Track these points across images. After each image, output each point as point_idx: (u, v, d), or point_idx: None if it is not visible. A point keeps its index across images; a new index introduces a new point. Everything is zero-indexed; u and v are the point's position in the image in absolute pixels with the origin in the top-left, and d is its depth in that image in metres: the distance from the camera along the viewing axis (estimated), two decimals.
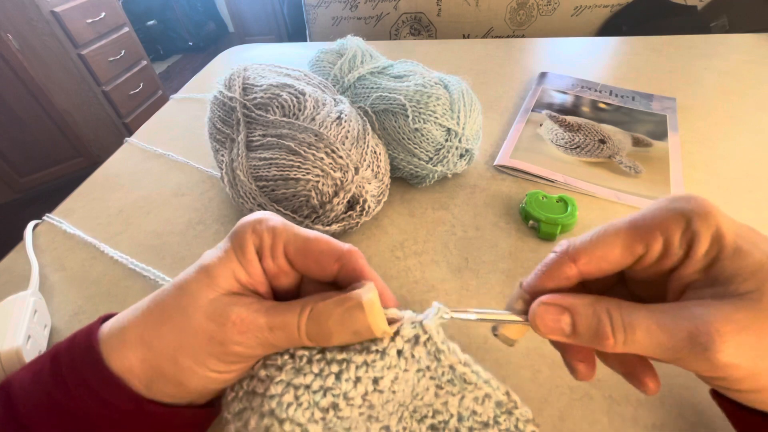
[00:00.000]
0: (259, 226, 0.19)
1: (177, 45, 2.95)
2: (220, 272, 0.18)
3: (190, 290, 0.18)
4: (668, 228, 0.16)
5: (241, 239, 0.18)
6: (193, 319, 0.17)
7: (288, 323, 0.17)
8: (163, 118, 0.59)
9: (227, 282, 0.18)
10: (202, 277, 0.18)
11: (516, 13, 0.90)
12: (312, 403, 0.16)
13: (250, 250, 0.18)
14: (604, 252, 0.17)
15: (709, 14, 0.82)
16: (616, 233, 0.17)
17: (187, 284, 0.18)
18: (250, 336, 0.17)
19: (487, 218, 0.38)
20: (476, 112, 0.40)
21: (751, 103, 0.51)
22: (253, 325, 0.17)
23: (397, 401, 0.18)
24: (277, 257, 0.19)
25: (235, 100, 0.37)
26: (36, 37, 1.47)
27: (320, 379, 0.17)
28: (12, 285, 0.35)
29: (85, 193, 0.46)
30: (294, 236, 0.19)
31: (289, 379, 0.17)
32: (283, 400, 0.16)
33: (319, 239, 0.19)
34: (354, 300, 0.17)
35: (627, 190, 0.39)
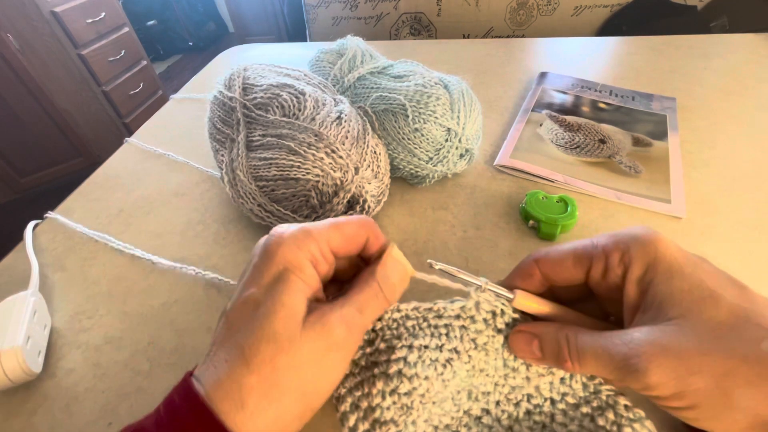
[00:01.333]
0: (301, 242, 0.19)
1: (177, 45, 2.95)
2: (294, 301, 0.18)
3: (280, 330, 0.17)
4: (610, 250, 0.19)
5: (296, 260, 0.19)
6: (301, 351, 0.17)
7: (369, 299, 0.20)
8: (163, 118, 0.59)
9: (302, 306, 0.19)
10: (283, 313, 0.18)
11: (516, 13, 0.90)
12: (432, 359, 0.20)
13: (306, 265, 0.19)
14: (558, 260, 0.21)
15: (709, 14, 0.82)
16: (572, 248, 0.21)
17: (273, 327, 0.17)
18: (353, 328, 0.19)
19: (487, 218, 0.38)
20: (476, 112, 0.40)
21: (751, 103, 0.51)
22: (349, 317, 0.19)
23: (491, 373, 0.20)
24: (327, 256, 0.21)
25: (235, 100, 0.37)
26: (36, 37, 1.47)
27: (436, 339, 0.20)
28: (12, 285, 0.35)
29: (85, 193, 0.46)
30: (327, 231, 0.20)
31: (409, 343, 0.20)
32: (408, 359, 0.19)
33: (346, 222, 0.21)
34: (392, 258, 0.21)
35: (627, 190, 0.39)
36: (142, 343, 0.31)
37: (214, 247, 0.38)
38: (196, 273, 0.35)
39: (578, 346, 0.18)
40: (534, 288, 0.22)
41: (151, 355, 0.30)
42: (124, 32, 1.81)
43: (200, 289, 0.34)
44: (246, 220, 0.40)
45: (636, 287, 0.19)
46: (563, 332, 0.19)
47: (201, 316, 0.32)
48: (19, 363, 0.27)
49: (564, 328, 0.19)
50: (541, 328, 0.20)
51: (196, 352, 0.30)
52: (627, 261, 0.19)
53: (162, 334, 0.31)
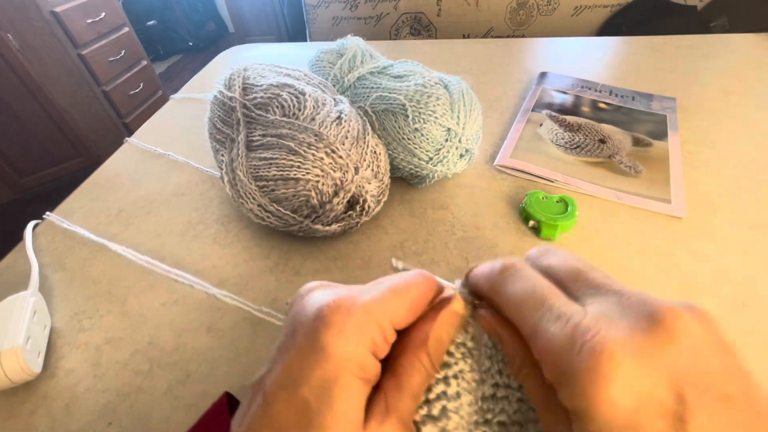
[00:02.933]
0: (362, 332, 0.15)
1: (177, 45, 2.95)
2: (357, 408, 0.15)
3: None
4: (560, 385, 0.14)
5: (360, 360, 0.15)
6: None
7: (418, 378, 0.17)
8: (163, 118, 0.59)
9: (362, 412, 0.15)
10: (346, 427, 0.14)
11: (516, 13, 0.90)
12: (470, 381, 0.18)
13: (371, 361, 0.16)
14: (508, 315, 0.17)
15: (709, 14, 0.82)
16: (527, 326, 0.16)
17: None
18: (410, 423, 0.16)
19: (487, 218, 0.38)
20: (476, 112, 0.40)
21: (751, 103, 0.51)
22: (407, 414, 0.16)
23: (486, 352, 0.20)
24: (390, 338, 0.17)
25: (235, 100, 0.37)
26: (36, 37, 1.47)
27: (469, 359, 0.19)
28: (12, 285, 0.35)
29: (85, 193, 0.46)
30: (392, 305, 0.16)
31: (443, 376, 0.18)
32: (449, 393, 0.18)
33: (408, 286, 0.17)
34: (449, 313, 0.18)
35: (627, 190, 0.39)
36: (142, 343, 0.31)
37: (214, 247, 0.38)
38: (189, 282, 0.35)
39: (521, 377, 0.17)
40: None
41: (151, 355, 0.30)
42: (124, 32, 1.81)
43: (200, 288, 0.34)
44: (246, 220, 0.40)
45: None
46: (518, 355, 0.17)
47: (201, 316, 0.32)
48: (19, 363, 0.27)
49: (521, 353, 0.17)
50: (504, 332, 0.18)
51: (196, 352, 0.30)
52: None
53: (162, 334, 0.31)
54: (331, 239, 0.37)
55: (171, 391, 0.28)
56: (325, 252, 0.36)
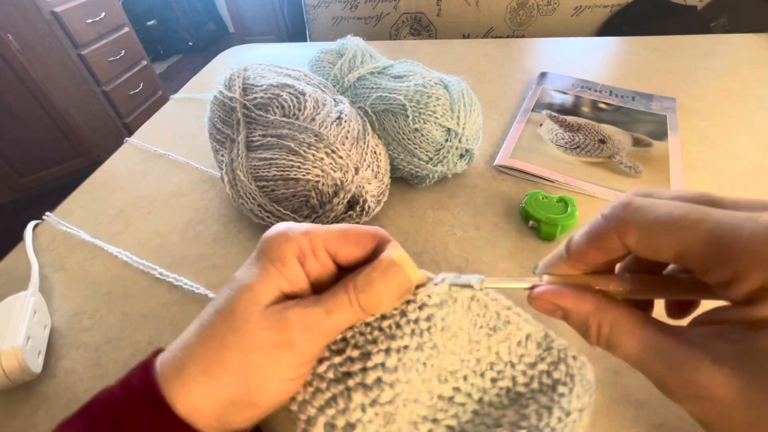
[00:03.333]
0: (291, 233, 0.19)
1: (177, 45, 2.95)
2: (264, 287, 0.18)
3: (239, 310, 0.17)
4: (749, 269, 0.13)
5: (279, 252, 0.18)
6: (252, 335, 0.17)
7: (341, 302, 0.18)
8: (163, 118, 0.59)
9: (271, 295, 0.18)
10: (247, 295, 0.18)
11: (516, 13, 0.90)
12: (413, 360, 0.18)
13: (290, 258, 0.18)
14: (659, 244, 0.15)
15: (709, 14, 0.82)
16: (687, 234, 0.14)
17: (232, 305, 0.18)
18: (313, 330, 0.17)
19: (487, 218, 0.38)
20: (476, 112, 0.40)
21: (751, 103, 0.51)
22: (312, 317, 0.17)
23: (459, 353, 0.20)
24: (320, 256, 0.19)
25: (235, 100, 0.37)
26: (36, 37, 1.47)
27: (417, 337, 0.18)
28: (12, 285, 0.35)
29: (85, 193, 0.46)
30: (330, 233, 0.19)
31: (386, 347, 0.18)
32: (388, 364, 0.18)
33: (352, 227, 0.20)
34: (386, 259, 0.18)
35: (627, 190, 0.39)
36: (142, 343, 0.31)
37: (214, 247, 0.38)
38: (186, 286, 0.35)
39: (611, 339, 0.16)
40: (617, 258, 0.17)
41: None
42: (124, 32, 1.81)
43: (200, 289, 0.34)
44: (246, 220, 0.40)
45: (756, 320, 0.14)
46: (596, 318, 0.16)
47: None
48: (19, 363, 0.27)
49: (599, 312, 0.17)
50: (569, 302, 0.17)
51: None
52: (763, 294, 0.13)
53: (162, 334, 0.31)
54: None
55: None
56: None
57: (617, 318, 0.16)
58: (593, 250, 0.17)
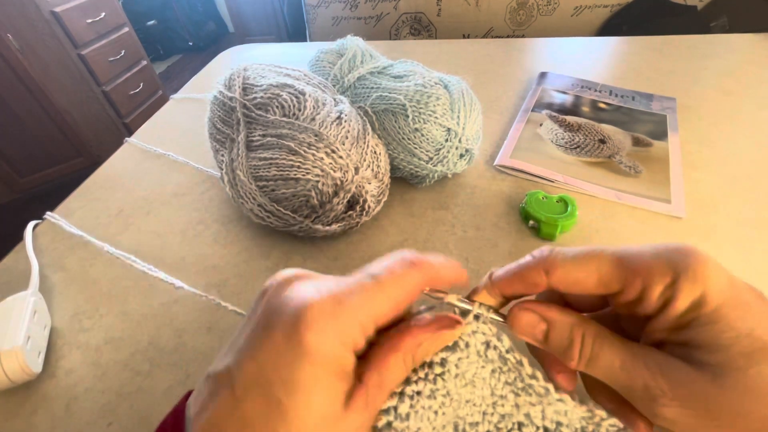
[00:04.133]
0: (339, 326, 0.15)
1: (177, 45, 2.95)
2: (334, 409, 0.15)
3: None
4: (652, 277, 0.16)
5: (343, 362, 0.15)
6: None
7: (401, 372, 0.17)
8: (163, 118, 0.59)
9: (341, 409, 0.15)
10: (323, 426, 0.15)
11: (516, 13, 0.90)
12: (425, 407, 0.17)
13: (347, 357, 0.16)
14: (579, 276, 0.17)
15: (709, 14, 0.82)
16: (599, 263, 0.17)
17: None
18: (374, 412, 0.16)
19: (487, 218, 0.38)
20: (476, 112, 0.40)
21: (751, 103, 0.51)
22: (377, 404, 0.16)
23: (478, 403, 0.19)
24: (369, 333, 0.16)
25: (235, 100, 0.37)
26: (36, 37, 1.47)
27: (430, 383, 0.17)
28: (12, 285, 0.35)
29: (85, 193, 0.46)
30: (373, 302, 0.16)
31: (400, 390, 0.17)
32: (400, 410, 0.17)
33: (392, 280, 0.17)
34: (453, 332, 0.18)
35: (627, 190, 0.39)
36: (142, 343, 0.31)
37: (214, 247, 0.38)
38: (191, 291, 0.35)
39: (595, 351, 0.17)
40: (534, 292, 0.19)
41: (151, 355, 0.30)
42: (124, 32, 1.81)
43: (200, 288, 0.34)
44: (246, 220, 0.40)
45: (672, 323, 0.16)
46: (580, 329, 0.17)
47: (201, 316, 0.32)
48: (19, 363, 0.27)
49: (582, 323, 0.17)
50: (554, 314, 0.18)
51: (196, 351, 0.30)
52: (668, 296, 0.16)
53: (162, 334, 0.31)
54: (331, 239, 0.37)
55: (171, 391, 0.28)
56: (325, 252, 0.36)
57: (600, 331, 0.17)
58: (517, 283, 0.18)
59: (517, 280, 0.18)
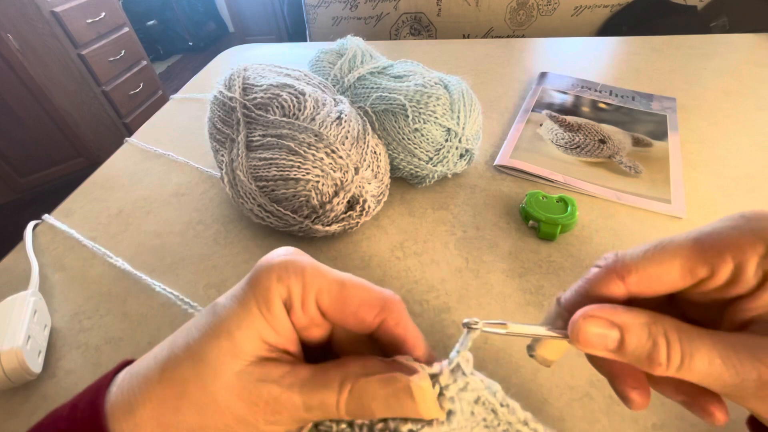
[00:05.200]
0: (285, 273, 0.16)
1: (177, 45, 2.95)
2: (245, 335, 0.15)
3: (211, 360, 0.15)
4: (743, 251, 0.14)
5: (266, 291, 0.16)
6: (218, 397, 0.15)
7: (326, 402, 0.15)
8: (163, 118, 0.59)
9: (253, 346, 0.15)
10: (224, 344, 0.15)
11: (516, 13, 0.90)
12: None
13: (277, 304, 0.16)
14: (659, 271, 0.15)
15: (709, 14, 0.82)
16: (675, 251, 0.15)
17: (206, 352, 0.15)
18: (285, 416, 0.15)
19: (487, 218, 0.38)
20: (476, 112, 0.40)
21: (751, 103, 0.51)
22: (288, 404, 0.15)
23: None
24: (308, 309, 0.16)
25: (235, 100, 0.37)
26: (36, 37, 1.47)
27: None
28: (12, 285, 0.35)
29: (85, 193, 0.46)
30: (328, 283, 0.16)
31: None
32: None
33: (357, 286, 0.16)
34: (402, 382, 0.15)
35: (627, 190, 0.39)
36: (142, 344, 0.31)
37: (214, 247, 0.38)
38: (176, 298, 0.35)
39: (685, 348, 0.14)
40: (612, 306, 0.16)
41: None
42: (124, 32, 1.81)
43: (200, 289, 0.34)
44: (246, 220, 0.40)
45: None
46: (659, 327, 0.15)
47: None
48: (19, 363, 0.27)
49: (659, 319, 0.15)
50: (625, 316, 0.15)
51: None
52: (766, 266, 0.14)
53: (162, 334, 0.31)
54: (331, 239, 0.37)
55: None
56: (325, 252, 0.36)
57: (681, 326, 0.15)
58: (589, 301, 0.16)
59: (589, 297, 0.16)
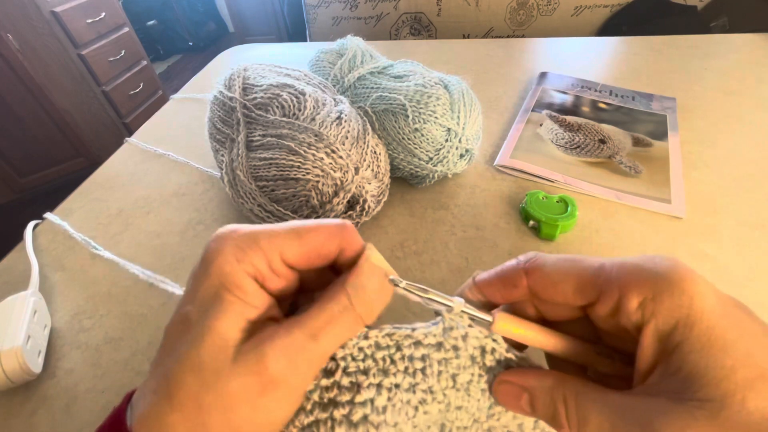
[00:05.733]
0: (241, 252, 0.16)
1: (177, 45, 2.95)
2: (227, 325, 0.15)
3: (206, 361, 0.15)
4: (628, 289, 0.15)
5: (233, 276, 0.16)
6: (230, 388, 0.14)
7: (329, 319, 0.16)
8: (163, 118, 0.59)
9: (237, 330, 0.15)
10: (212, 341, 0.15)
11: (516, 13, 0.90)
12: (404, 402, 0.17)
13: (247, 282, 0.16)
14: (556, 279, 0.17)
15: (709, 14, 0.82)
16: (580, 268, 0.16)
17: (199, 357, 0.15)
18: (299, 361, 0.15)
19: (487, 218, 0.38)
20: (476, 112, 0.40)
21: (751, 103, 0.51)
22: (294, 346, 0.15)
23: (471, 411, 0.18)
24: (280, 271, 0.17)
25: (235, 100, 0.37)
26: (36, 37, 1.47)
27: (410, 377, 0.17)
28: (12, 285, 0.35)
29: (85, 193, 0.46)
30: (285, 240, 0.16)
31: (378, 381, 0.17)
32: (377, 403, 0.16)
33: (311, 229, 0.17)
34: (369, 262, 0.17)
35: (627, 190, 0.39)
36: (142, 343, 0.31)
37: None
38: None
39: (580, 413, 0.15)
40: (515, 299, 0.18)
41: (151, 356, 0.30)
42: (124, 32, 1.81)
43: None
44: (246, 220, 0.40)
45: (657, 345, 0.14)
46: (560, 392, 0.16)
47: None
48: (19, 363, 0.27)
49: (561, 384, 0.16)
50: (531, 380, 0.17)
51: None
52: (649, 310, 0.14)
53: (162, 334, 0.31)
54: None
55: None
56: None
57: (582, 388, 0.16)
58: (497, 283, 0.18)
59: (497, 281, 0.18)
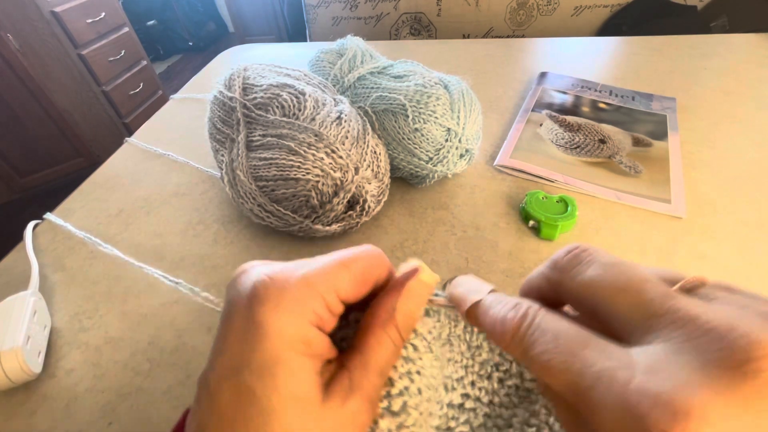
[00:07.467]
0: (297, 305, 0.14)
1: (177, 45, 2.95)
2: (310, 387, 0.14)
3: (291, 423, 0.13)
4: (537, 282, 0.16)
5: (300, 335, 0.14)
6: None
7: (393, 350, 0.16)
8: (163, 118, 0.59)
9: (315, 389, 0.14)
10: (298, 409, 0.13)
11: (516, 13, 0.90)
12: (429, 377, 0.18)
13: (315, 334, 0.15)
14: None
15: (709, 14, 0.82)
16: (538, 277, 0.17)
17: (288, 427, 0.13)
18: (376, 398, 0.15)
19: (487, 218, 0.38)
20: (476, 112, 0.40)
21: (751, 103, 0.51)
22: (375, 391, 0.15)
23: (461, 360, 0.19)
24: (336, 310, 0.16)
25: (235, 100, 0.37)
26: (36, 37, 1.47)
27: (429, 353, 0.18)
28: (12, 285, 0.35)
29: (85, 193, 0.46)
30: (338, 276, 0.16)
31: (407, 370, 0.18)
32: (411, 390, 0.17)
33: (357, 260, 0.16)
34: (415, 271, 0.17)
35: (627, 190, 0.39)
36: (142, 343, 0.31)
37: (215, 247, 0.38)
38: (179, 286, 0.35)
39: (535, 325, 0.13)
40: None
41: (151, 355, 0.30)
42: (124, 32, 1.81)
43: (200, 288, 0.34)
44: (246, 220, 0.40)
45: None
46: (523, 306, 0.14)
47: (201, 317, 0.32)
48: (19, 363, 0.27)
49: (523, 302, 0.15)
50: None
51: (196, 351, 0.30)
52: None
53: (162, 334, 0.31)
54: (331, 239, 0.37)
55: (171, 391, 0.28)
56: (326, 252, 0.36)
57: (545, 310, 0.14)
58: None
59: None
